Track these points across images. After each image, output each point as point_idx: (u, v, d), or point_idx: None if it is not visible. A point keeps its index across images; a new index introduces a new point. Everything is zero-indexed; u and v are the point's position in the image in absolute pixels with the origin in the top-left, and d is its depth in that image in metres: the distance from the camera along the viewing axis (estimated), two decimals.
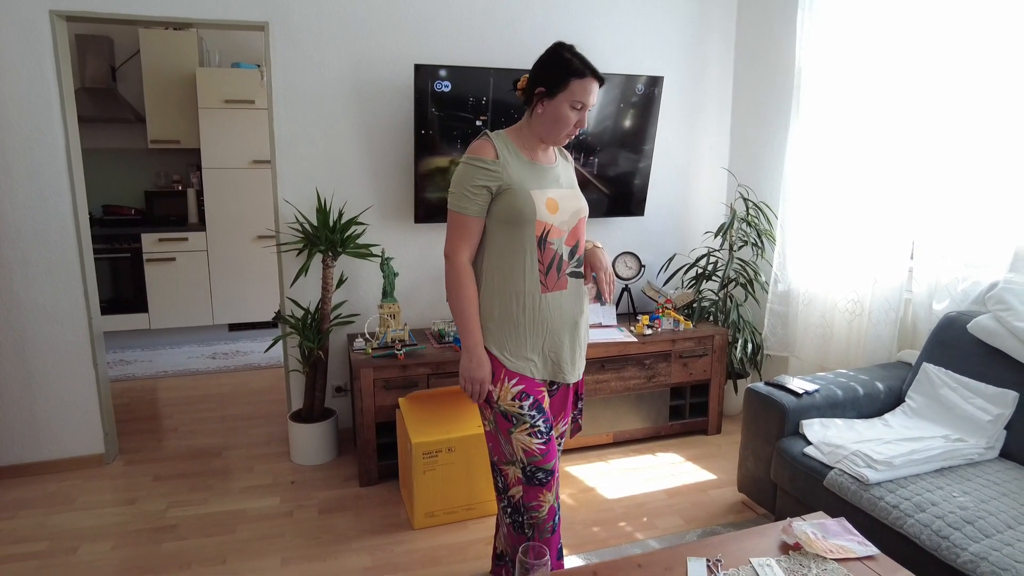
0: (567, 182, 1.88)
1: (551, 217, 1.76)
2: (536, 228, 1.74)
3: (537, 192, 1.75)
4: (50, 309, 2.89)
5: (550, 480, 1.82)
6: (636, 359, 3.15)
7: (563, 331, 1.83)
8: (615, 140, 3.34)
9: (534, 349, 1.80)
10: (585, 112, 1.77)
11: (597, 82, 1.76)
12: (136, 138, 5.05)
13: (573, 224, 1.82)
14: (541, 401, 1.81)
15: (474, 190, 1.72)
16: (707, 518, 2.64)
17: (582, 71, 1.73)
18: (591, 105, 1.77)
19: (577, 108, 1.74)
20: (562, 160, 1.93)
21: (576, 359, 1.90)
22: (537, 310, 1.77)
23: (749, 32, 3.63)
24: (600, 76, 1.76)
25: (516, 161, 1.77)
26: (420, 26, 3.14)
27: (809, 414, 2.43)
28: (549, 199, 1.76)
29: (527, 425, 1.77)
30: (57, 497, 2.79)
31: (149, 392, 4.08)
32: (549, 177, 1.81)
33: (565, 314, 1.82)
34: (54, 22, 2.73)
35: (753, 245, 3.42)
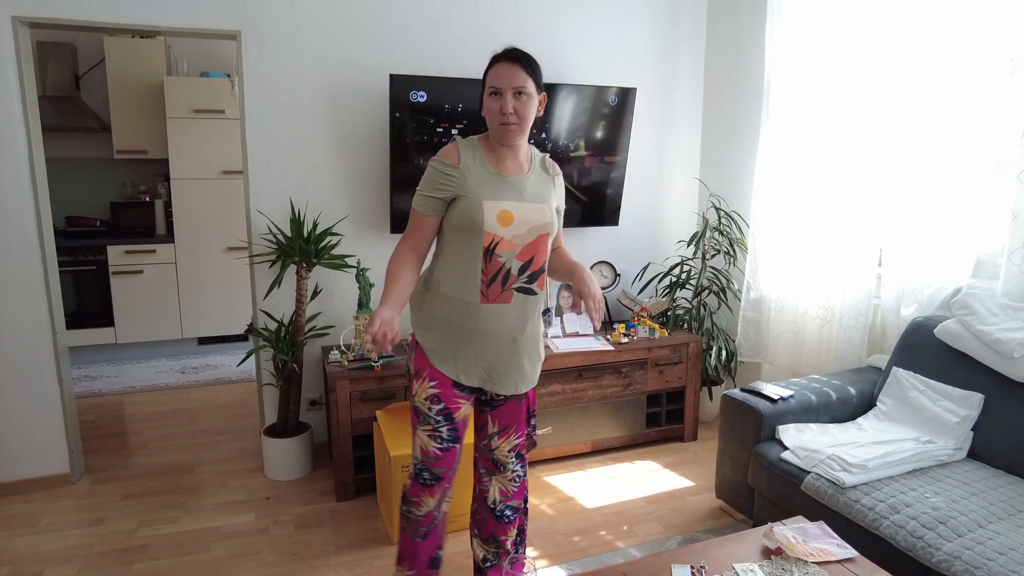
0: (534, 196, 1.80)
1: (502, 229, 1.74)
2: (484, 238, 1.74)
3: (491, 203, 1.74)
4: (12, 324, 2.80)
5: (435, 485, 1.86)
6: (613, 367, 3.17)
7: (500, 344, 1.82)
8: (588, 150, 3.37)
9: (465, 356, 1.81)
10: (506, 98, 1.71)
11: (509, 63, 1.72)
12: (101, 147, 4.93)
13: (530, 240, 1.77)
14: (453, 411, 1.83)
15: (430, 191, 1.77)
16: (686, 524, 2.66)
17: (494, 59, 1.76)
18: (508, 88, 1.71)
19: (494, 95, 1.73)
20: (539, 173, 1.85)
21: (513, 373, 1.86)
22: (474, 318, 1.78)
23: (718, 44, 3.70)
24: (512, 55, 1.74)
25: (479, 169, 1.77)
26: (395, 36, 3.13)
27: (785, 419, 2.47)
28: (503, 211, 1.74)
29: (430, 427, 1.82)
30: (19, 519, 2.69)
31: (116, 408, 3.97)
32: (511, 189, 1.78)
33: (505, 327, 1.81)
34: (17, 28, 2.66)
35: (725, 254, 3.47)
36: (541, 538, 2.56)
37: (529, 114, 1.75)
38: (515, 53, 1.74)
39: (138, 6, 2.77)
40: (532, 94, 1.74)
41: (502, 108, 1.71)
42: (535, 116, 1.79)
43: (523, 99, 1.72)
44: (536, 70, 1.77)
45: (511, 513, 2.01)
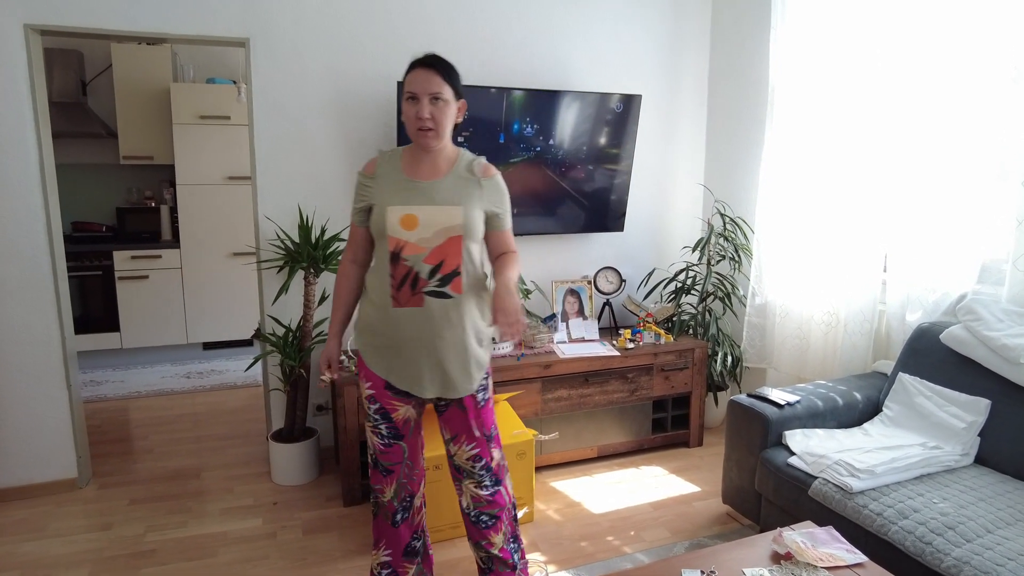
0: (446, 198, 1.81)
1: (405, 233, 1.79)
2: (389, 243, 1.80)
3: (395, 208, 1.80)
4: (21, 328, 2.82)
5: (388, 476, 1.97)
6: (619, 373, 3.18)
7: (417, 348, 1.83)
8: (593, 157, 3.39)
9: (391, 359, 1.88)
10: (422, 104, 1.75)
11: (426, 69, 1.76)
12: (107, 153, 4.96)
13: (438, 242, 1.79)
14: (389, 411, 1.91)
15: (355, 202, 1.92)
16: (693, 530, 2.67)
17: (412, 65, 1.80)
18: (425, 94, 1.75)
19: (412, 100, 1.77)
20: (461, 176, 1.85)
21: (437, 378, 1.87)
22: (391, 323, 1.84)
23: (723, 51, 3.72)
24: (429, 62, 1.76)
25: (392, 177, 1.86)
26: (401, 43, 3.16)
27: (791, 425, 2.48)
28: (407, 215, 1.79)
29: (371, 424, 1.94)
30: (28, 524, 2.70)
31: (122, 413, 3.98)
32: (420, 193, 1.82)
33: (421, 332, 1.82)
34: (28, 36, 2.69)
35: (730, 259, 3.48)
36: (548, 543, 2.57)
37: (446, 119, 1.79)
38: (432, 60, 1.78)
39: (149, 14, 2.79)
40: (449, 100, 1.78)
41: (418, 114, 1.75)
42: (455, 122, 1.84)
43: (440, 105, 1.77)
44: (454, 76, 1.81)
45: (488, 519, 1.98)
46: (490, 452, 1.98)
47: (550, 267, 3.60)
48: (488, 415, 1.98)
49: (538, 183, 3.33)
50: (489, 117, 3.12)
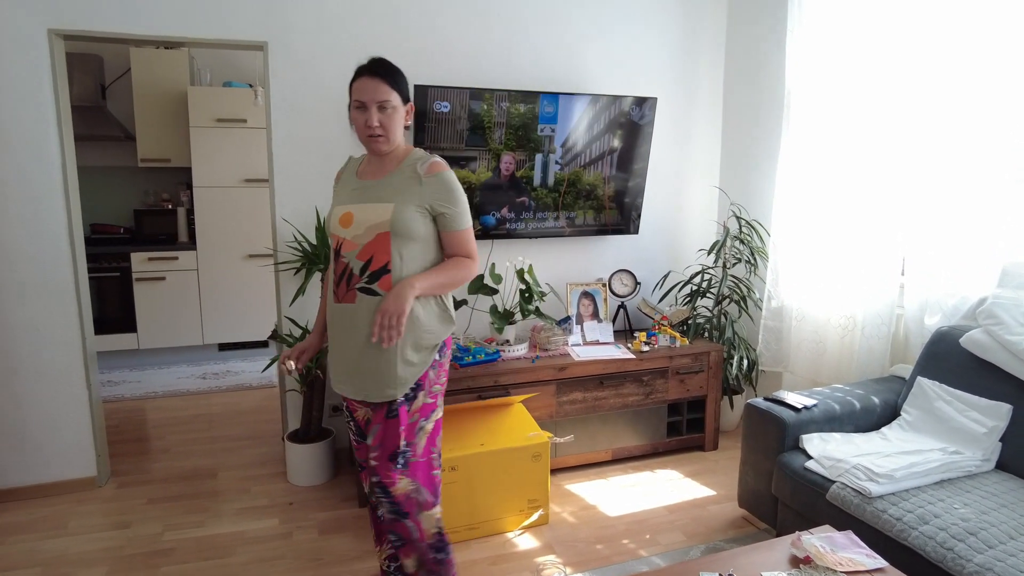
0: (381, 196, 1.81)
1: (342, 231, 1.84)
2: (332, 241, 1.88)
3: (339, 207, 1.87)
4: (43, 329, 2.85)
5: (363, 472, 2.00)
6: (634, 376, 3.17)
7: (349, 344, 1.85)
8: (607, 159, 3.39)
9: (332, 353, 1.93)
10: (370, 112, 1.77)
11: (372, 77, 1.77)
12: (126, 156, 5.02)
13: (368, 239, 1.79)
14: (352, 409, 1.96)
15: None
16: (709, 534, 2.66)
17: (358, 72, 1.81)
18: (372, 102, 1.77)
19: (360, 108, 1.79)
20: (405, 175, 1.84)
21: (357, 378, 1.83)
22: (334, 319, 1.89)
23: (738, 53, 3.71)
24: (374, 69, 1.78)
25: (347, 180, 1.94)
26: (418, 47, 3.18)
27: (808, 428, 2.46)
28: (345, 213, 1.84)
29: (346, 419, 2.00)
30: (49, 522, 2.74)
31: (138, 413, 4.02)
32: (362, 192, 1.86)
33: (352, 328, 1.83)
34: (52, 40, 2.73)
35: (746, 262, 3.47)
36: (563, 545, 2.57)
37: (394, 125, 1.82)
38: (378, 67, 1.79)
39: (169, 18, 2.82)
40: (397, 106, 1.81)
41: (367, 122, 1.78)
42: (404, 125, 1.87)
43: (388, 112, 1.79)
44: (400, 82, 1.82)
45: (395, 539, 1.87)
46: (391, 474, 1.80)
47: (564, 269, 3.60)
48: (399, 429, 1.81)
49: (552, 185, 3.33)
50: (511, 121, 3.13)
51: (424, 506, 1.86)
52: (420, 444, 1.87)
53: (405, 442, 1.83)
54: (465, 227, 1.88)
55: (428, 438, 1.89)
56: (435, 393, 1.90)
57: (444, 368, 1.93)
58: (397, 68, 1.83)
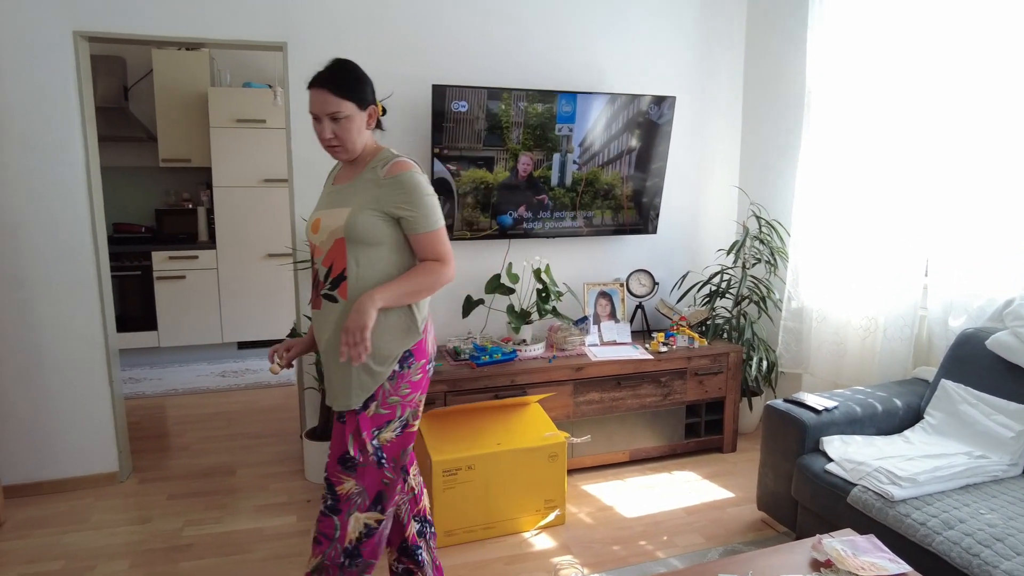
0: (342, 201, 1.78)
1: (313, 237, 1.82)
2: (310, 247, 1.86)
3: (312, 214, 1.86)
4: (67, 326, 2.90)
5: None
6: (652, 376, 3.15)
7: (324, 350, 1.83)
8: (625, 158, 3.37)
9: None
10: (323, 124, 1.73)
11: (319, 89, 1.72)
12: (147, 156, 5.08)
13: (330, 245, 1.76)
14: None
15: None
16: (727, 536, 2.63)
17: (308, 85, 1.76)
18: (323, 115, 1.73)
19: (316, 120, 1.76)
20: (367, 178, 1.78)
21: (328, 383, 1.82)
22: (313, 323, 1.88)
23: (758, 51, 3.68)
24: (319, 81, 1.71)
25: (326, 185, 1.93)
26: (435, 46, 3.18)
27: (829, 431, 2.43)
28: (315, 220, 1.82)
29: None
30: (72, 515, 2.78)
31: (159, 410, 4.07)
32: (331, 198, 1.83)
33: (322, 333, 1.82)
34: (77, 42, 2.77)
35: (766, 263, 3.43)
36: (580, 546, 2.56)
37: (350, 135, 1.75)
38: (324, 79, 1.72)
39: (190, 19, 2.85)
40: (351, 115, 1.74)
41: (321, 134, 1.75)
42: (366, 130, 1.80)
43: (342, 123, 1.73)
44: (352, 89, 1.73)
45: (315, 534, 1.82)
46: (339, 475, 1.78)
47: (582, 269, 3.59)
48: (347, 435, 1.77)
49: (569, 184, 3.32)
50: (529, 121, 3.12)
51: (359, 508, 1.79)
52: (373, 452, 1.79)
53: (354, 451, 1.77)
54: (431, 229, 1.77)
55: (385, 448, 1.80)
56: (391, 404, 1.78)
57: (407, 379, 1.79)
58: (350, 74, 1.75)
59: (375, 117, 1.83)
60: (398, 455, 1.83)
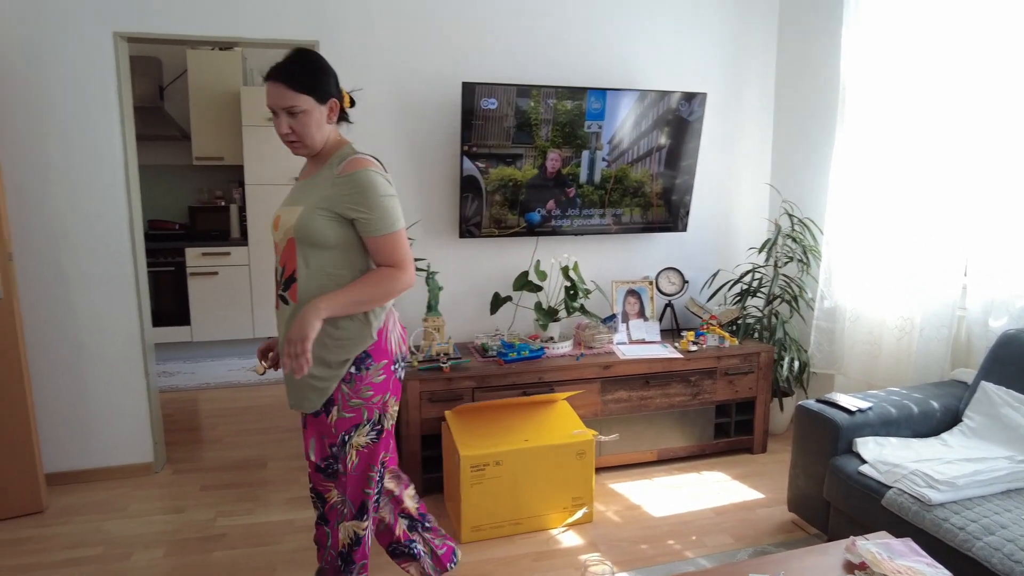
0: (297, 199, 1.73)
1: (273, 234, 1.78)
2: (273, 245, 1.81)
3: (275, 210, 1.79)
4: (106, 320, 2.97)
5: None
6: (681, 376, 3.13)
7: (280, 350, 1.77)
8: (655, 155, 3.35)
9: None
10: (280, 119, 1.67)
11: (273, 83, 1.64)
12: (181, 155, 5.19)
13: (284, 244, 1.72)
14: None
15: None
16: (757, 537, 2.60)
17: (264, 78, 1.68)
18: (279, 107, 1.65)
19: (273, 114, 1.69)
20: (324, 174, 1.72)
21: (288, 386, 1.79)
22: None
23: (791, 48, 3.62)
24: (273, 75, 1.64)
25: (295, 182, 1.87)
26: (465, 44, 3.19)
27: (862, 432, 2.39)
28: (275, 217, 1.76)
29: None
30: (109, 504, 2.85)
31: (192, 403, 4.15)
32: (292, 194, 1.78)
33: (282, 335, 1.79)
34: (117, 43, 2.83)
35: (798, 261, 3.38)
36: (607, 544, 2.55)
37: (307, 130, 1.68)
38: (278, 72, 1.64)
39: (224, 20, 2.90)
40: (308, 109, 1.66)
41: (279, 129, 1.69)
42: (328, 124, 1.73)
43: (299, 117, 1.66)
44: (308, 82, 1.65)
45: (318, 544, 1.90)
46: (324, 483, 1.80)
47: (610, 267, 3.57)
48: (310, 440, 1.77)
49: (598, 181, 3.31)
50: (559, 118, 3.12)
51: (345, 516, 1.81)
52: (351, 459, 1.76)
53: (316, 456, 1.78)
54: (386, 232, 1.67)
55: (362, 454, 1.77)
56: (354, 408, 1.74)
57: (367, 382, 1.74)
58: (308, 66, 1.67)
59: (336, 111, 1.75)
60: (377, 461, 1.81)
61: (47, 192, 2.83)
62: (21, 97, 2.75)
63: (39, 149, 2.80)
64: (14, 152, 2.76)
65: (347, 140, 1.79)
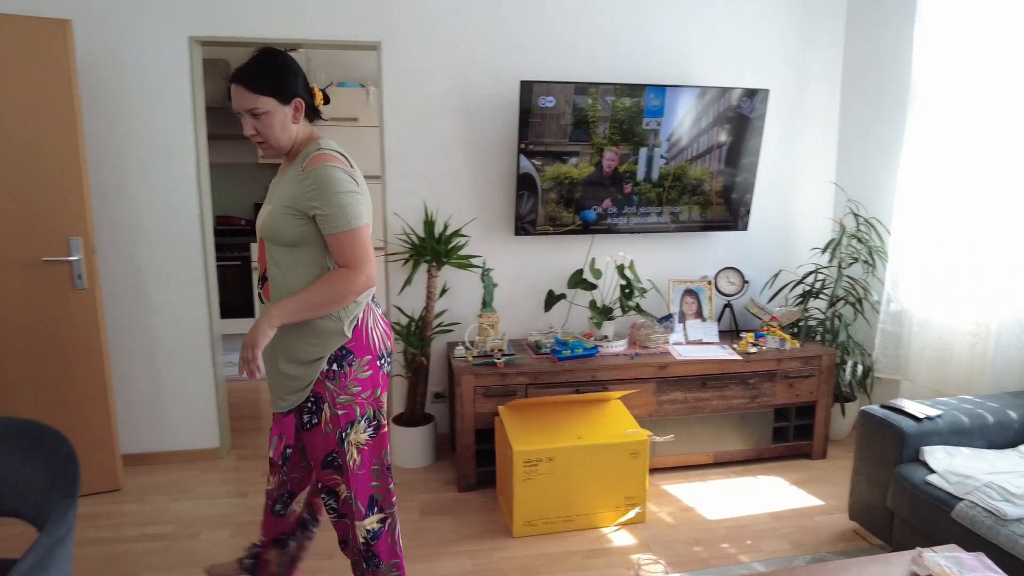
0: (271, 199, 1.75)
1: (259, 233, 1.79)
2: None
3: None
4: (177, 311, 3.12)
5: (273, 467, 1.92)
6: (739, 378, 3.07)
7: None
8: (715, 153, 3.29)
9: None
10: (245, 121, 1.68)
11: (235, 85, 1.65)
12: (247, 154, 5.38)
13: (260, 244, 1.77)
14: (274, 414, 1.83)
15: None
16: (815, 544, 2.53)
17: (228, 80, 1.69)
18: (242, 110, 1.67)
19: (240, 115, 1.70)
20: (293, 172, 1.71)
21: (269, 385, 1.82)
22: None
23: (859, 40, 3.50)
24: (234, 77, 1.65)
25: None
26: (524, 43, 3.21)
27: (930, 440, 2.30)
28: (260, 216, 1.77)
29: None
30: (178, 485, 2.99)
31: (254, 393, 4.31)
32: (269, 193, 1.80)
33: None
34: (192, 47, 2.97)
35: (864, 262, 3.27)
36: (660, 545, 2.53)
37: (271, 131, 1.68)
38: (239, 74, 1.65)
39: (291, 22, 3.00)
40: (270, 110, 1.66)
41: (245, 130, 1.70)
42: (294, 123, 1.71)
43: (262, 119, 1.66)
44: (269, 84, 1.65)
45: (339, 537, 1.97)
46: (333, 477, 1.83)
47: (667, 266, 3.53)
48: (322, 441, 1.78)
49: (656, 179, 3.28)
50: (617, 116, 3.11)
51: (355, 515, 1.83)
52: (351, 456, 1.78)
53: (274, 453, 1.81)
54: (342, 230, 1.65)
55: (364, 451, 1.80)
56: (344, 404, 1.75)
57: (353, 378, 1.75)
58: (268, 67, 1.66)
59: (302, 110, 1.73)
60: (380, 456, 1.84)
61: (126, 190, 2.99)
62: (105, 101, 2.91)
63: (119, 149, 2.96)
64: (98, 152, 2.93)
65: (318, 136, 1.78)
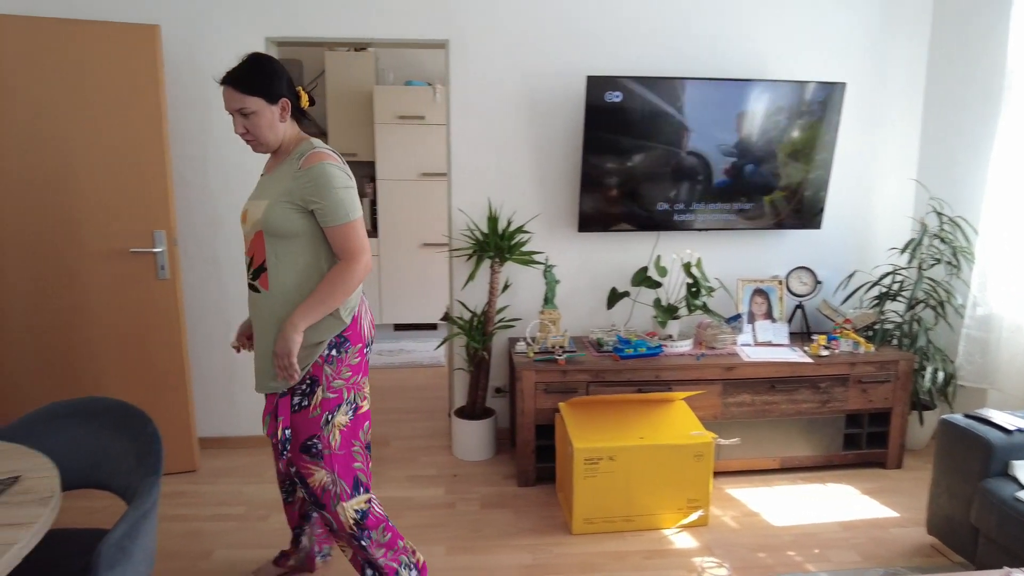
0: (261, 193, 1.84)
1: (242, 227, 1.89)
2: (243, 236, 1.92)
3: (245, 204, 1.92)
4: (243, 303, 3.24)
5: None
6: (810, 381, 2.97)
7: (255, 336, 1.91)
8: (787, 149, 3.19)
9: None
10: (235, 121, 1.78)
11: (225, 86, 1.76)
12: None
13: (252, 236, 1.83)
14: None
15: None
16: (889, 557, 2.42)
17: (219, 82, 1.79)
18: (232, 109, 1.77)
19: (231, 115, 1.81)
20: (286, 168, 1.82)
21: (258, 368, 1.90)
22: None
23: (947, 28, 3.31)
24: (225, 78, 1.76)
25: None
26: (589, 39, 3.19)
27: (1021, 454, 2.16)
28: (244, 211, 1.88)
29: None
30: (250, 469, 3.12)
31: None
32: (257, 188, 1.89)
33: (255, 321, 1.90)
34: (268, 47, 3.08)
35: (947, 264, 3.10)
36: (722, 549, 2.47)
37: (259, 130, 1.79)
38: (228, 76, 1.76)
39: (361, 22, 3.08)
40: (258, 110, 1.76)
41: (236, 129, 1.80)
42: (281, 122, 1.82)
43: (251, 118, 1.77)
44: (256, 84, 1.76)
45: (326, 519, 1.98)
46: (306, 464, 1.87)
47: (736, 264, 3.44)
48: (306, 424, 1.84)
49: (725, 175, 3.20)
50: (676, 109, 3.05)
51: (340, 497, 1.89)
52: (333, 438, 1.87)
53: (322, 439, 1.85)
54: (339, 223, 1.76)
55: (344, 432, 1.88)
56: (337, 388, 1.85)
57: (347, 363, 1.86)
58: (255, 69, 1.78)
59: (288, 110, 1.84)
60: (359, 436, 1.95)
61: (205, 184, 3.14)
62: (186, 99, 3.06)
63: (200, 145, 3.11)
64: (181, 148, 3.09)
65: (307, 136, 1.91)
